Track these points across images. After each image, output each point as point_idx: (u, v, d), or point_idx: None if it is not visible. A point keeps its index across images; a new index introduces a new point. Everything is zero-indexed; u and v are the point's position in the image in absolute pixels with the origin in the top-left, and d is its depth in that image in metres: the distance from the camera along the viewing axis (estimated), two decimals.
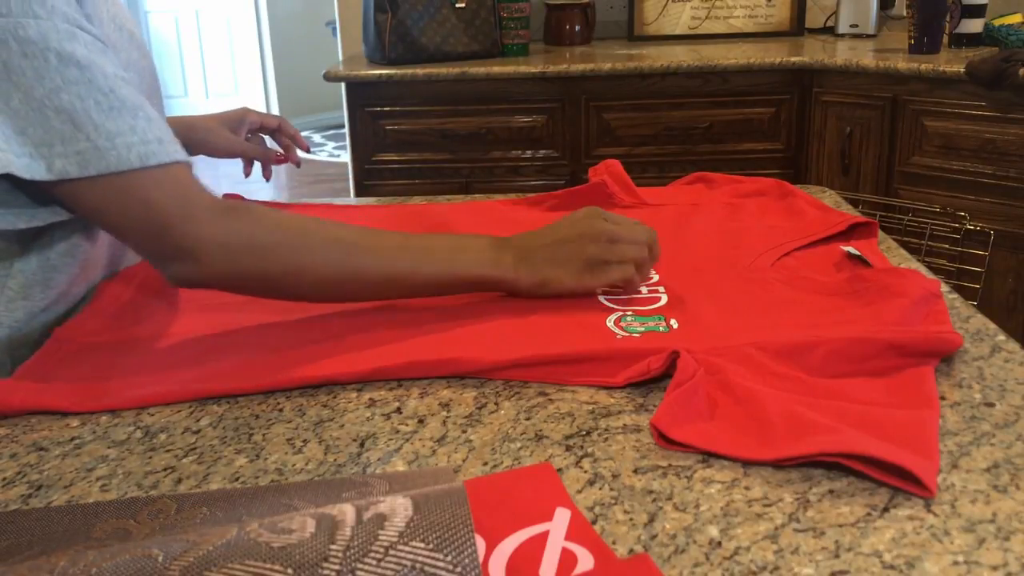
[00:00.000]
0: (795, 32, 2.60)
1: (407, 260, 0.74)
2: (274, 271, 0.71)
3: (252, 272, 0.71)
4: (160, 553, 0.41)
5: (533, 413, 0.61)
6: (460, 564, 0.39)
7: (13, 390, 0.65)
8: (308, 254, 0.71)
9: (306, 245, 0.72)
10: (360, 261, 0.73)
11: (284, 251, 0.71)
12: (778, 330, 0.69)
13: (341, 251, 0.73)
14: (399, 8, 2.29)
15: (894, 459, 0.50)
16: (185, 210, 0.68)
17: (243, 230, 0.70)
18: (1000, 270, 1.97)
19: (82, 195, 0.67)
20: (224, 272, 0.70)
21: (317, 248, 0.72)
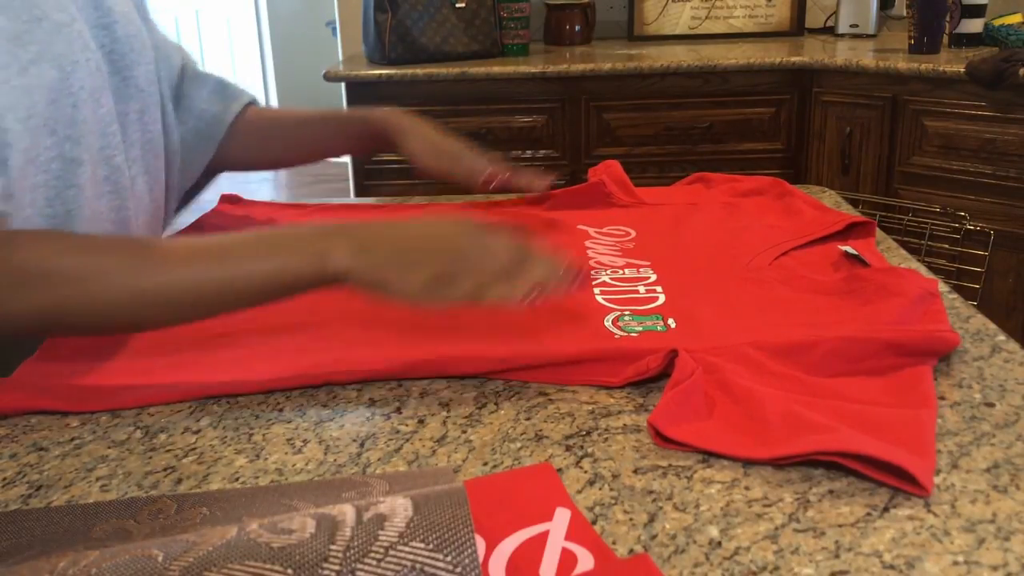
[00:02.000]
0: (795, 32, 2.60)
1: (207, 269, 0.62)
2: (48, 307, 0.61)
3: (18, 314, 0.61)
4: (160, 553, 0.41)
5: (533, 413, 0.61)
6: (460, 564, 0.39)
7: (13, 390, 0.65)
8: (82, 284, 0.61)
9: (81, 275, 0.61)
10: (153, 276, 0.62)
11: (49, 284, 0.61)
12: (776, 329, 0.69)
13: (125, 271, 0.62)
14: (399, 8, 2.29)
15: (890, 458, 0.50)
16: None
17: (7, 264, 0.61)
18: (1000, 270, 1.97)
19: None
20: None
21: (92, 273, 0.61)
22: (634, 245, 0.93)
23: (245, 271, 0.62)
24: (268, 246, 0.63)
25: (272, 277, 0.63)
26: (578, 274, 0.66)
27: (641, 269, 0.85)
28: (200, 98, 0.93)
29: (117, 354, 0.71)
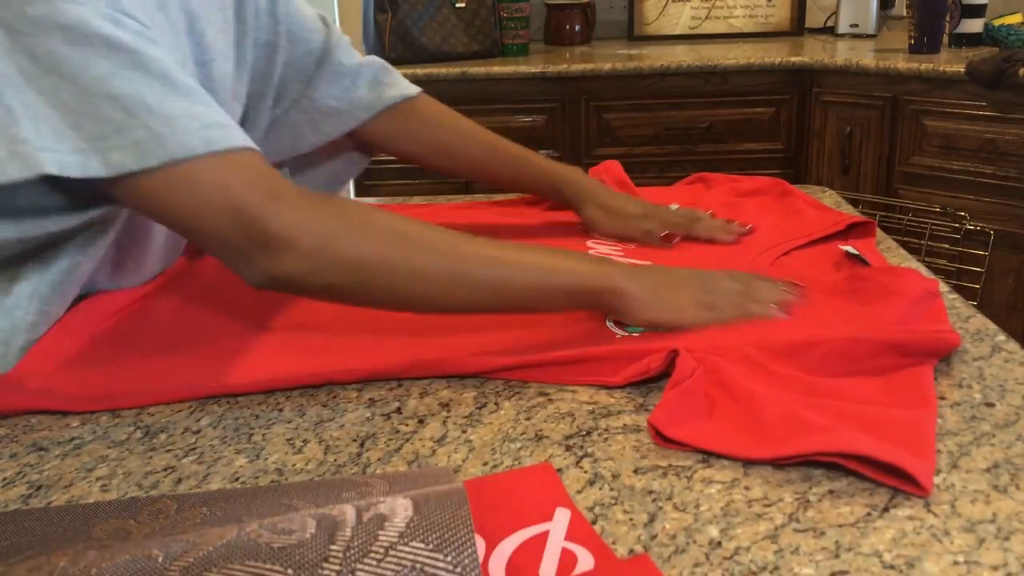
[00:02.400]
0: (795, 32, 2.60)
1: (511, 266, 0.67)
2: (370, 261, 0.64)
3: (347, 262, 0.63)
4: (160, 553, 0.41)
5: (533, 413, 0.61)
6: (460, 564, 0.39)
7: (13, 390, 0.65)
8: (407, 243, 0.65)
9: (404, 237, 0.65)
10: (463, 260, 0.66)
11: (381, 238, 0.64)
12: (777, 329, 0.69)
13: (442, 247, 0.66)
14: (399, 8, 2.29)
15: (890, 459, 0.50)
16: (271, 192, 0.62)
17: (337, 214, 0.64)
18: (1000, 270, 1.97)
19: (145, 190, 0.61)
20: (318, 263, 0.63)
21: (415, 240, 0.66)
22: (635, 246, 0.93)
23: (538, 276, 0.68)
24: (557, 257, 0.70)
25: (561, 284, 0.68)
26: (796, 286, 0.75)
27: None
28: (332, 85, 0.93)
29: (117, 354, 0.71)
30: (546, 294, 0.68)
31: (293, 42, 0.88)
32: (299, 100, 0.91)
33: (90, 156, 0.59)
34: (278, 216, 0.61)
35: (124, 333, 0.75)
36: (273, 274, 0.63)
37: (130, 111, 0.59)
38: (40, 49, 0.58)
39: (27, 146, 0.58)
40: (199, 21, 0.74)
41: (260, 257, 0.62)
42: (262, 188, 0.62)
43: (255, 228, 0.61)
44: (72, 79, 0.59)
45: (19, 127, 0.58)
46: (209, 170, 0.61)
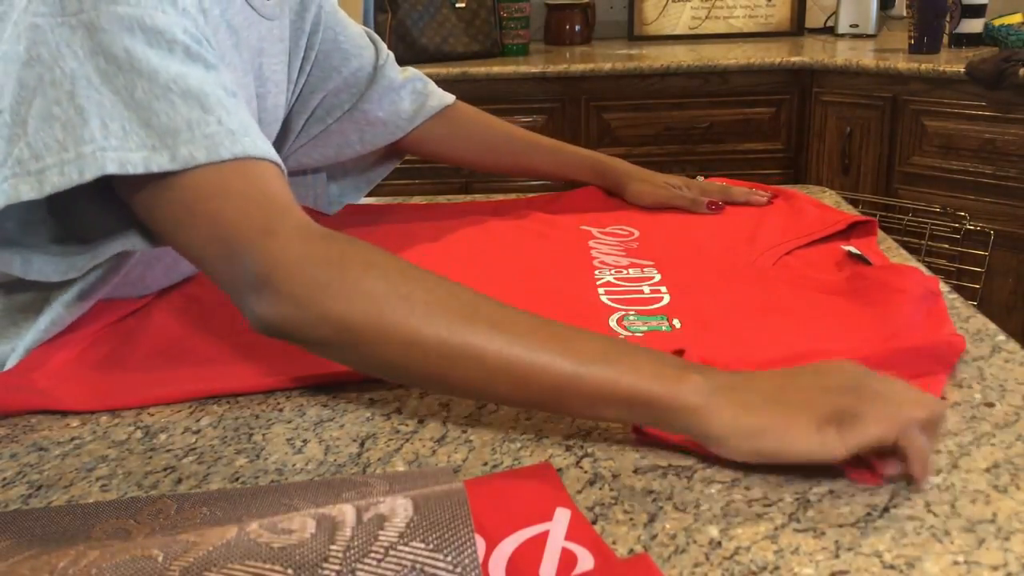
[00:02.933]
0: (795, 32, 2.60)
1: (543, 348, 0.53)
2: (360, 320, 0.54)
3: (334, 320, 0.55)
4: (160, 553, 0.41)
5: (533, 413, 0.61)
6: (460, 564, 0.39)
7: (14, 390, 0.65)
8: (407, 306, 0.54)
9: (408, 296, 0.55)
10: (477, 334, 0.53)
11: (379, 296, 0.54)
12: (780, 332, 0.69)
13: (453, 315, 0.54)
14: (399, 8, 2.29)
15: None
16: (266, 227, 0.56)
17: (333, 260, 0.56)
18: (1000, 270, 1.97)
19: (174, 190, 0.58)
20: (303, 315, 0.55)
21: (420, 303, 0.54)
22: (638, 245, 0.93)
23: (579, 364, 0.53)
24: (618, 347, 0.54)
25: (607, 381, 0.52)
26: None
27: (645, 269, 0.85)
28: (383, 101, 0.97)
29: (118, 355, 0.71)
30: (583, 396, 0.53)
31: (346, 60, 0.93)
32: (350, 112, 0.96)
33: (159, 152, 0.57)
34: (268, 254, 0.56)
35: (125, 333, 0.75)
36: (260, 316, 0.57)
37: (205, 107, 0.58)
38: (118, 47, 0.57)
39: (91, 146, 0.57)
40: (262, 54, 0.76)
41: (248, 296, 0.57)
42: (260, 220, 0.57)
43: (242, 264, 0.57)
44: (148, 76, 0.58)
45: (87, 127, 0.57)
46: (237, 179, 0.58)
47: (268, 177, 0.60)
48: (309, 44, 0.89)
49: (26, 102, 0.57)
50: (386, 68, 0.97)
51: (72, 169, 0.57)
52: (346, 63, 0.93)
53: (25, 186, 0.57)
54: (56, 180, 0.57)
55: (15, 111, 0.57)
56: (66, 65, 0.57)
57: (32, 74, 0.57)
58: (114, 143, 0.57)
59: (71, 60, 0.57)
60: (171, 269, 0.82)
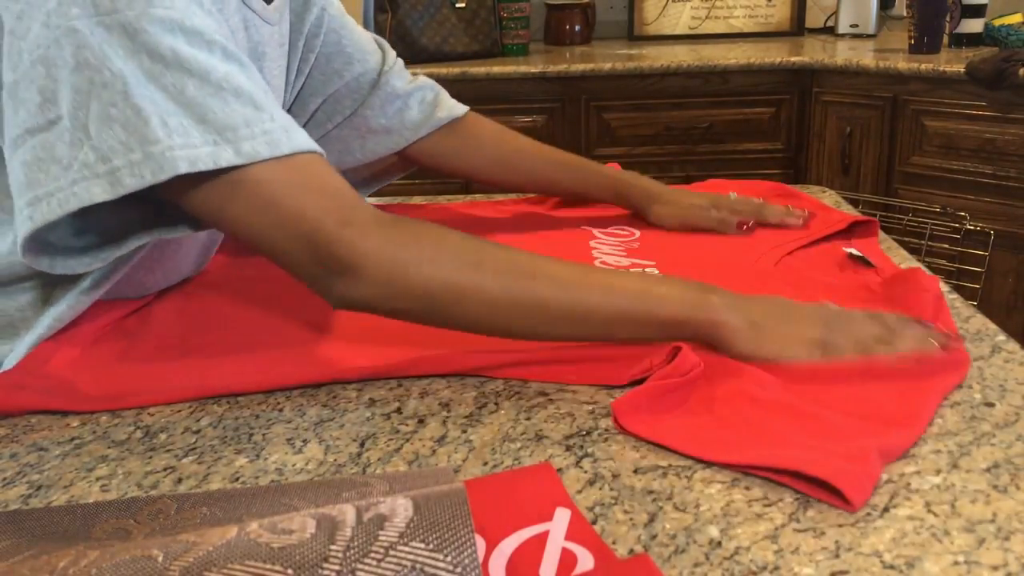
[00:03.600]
0: (795, 32, 2.60)
1: (593, 292, 0.64)
2: (440, 290, 0.62)
3: (418, 291, 0.62)
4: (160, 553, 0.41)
5: (533, 413, 0.61)
6: (460, 564, 0.39)
7: (14, 390, 0.65)
8: (478, 271, 0.63)
9: (477, 262, 0.63)
10: (539, 288, 0.63)
11: (452, 265, 0.63)
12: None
13: (516, 273, 0.64)
14: (399, 8, 2.29)
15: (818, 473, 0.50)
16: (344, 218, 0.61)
17: (409, 241, 0.63)
18: (1000, 270, 1.97)
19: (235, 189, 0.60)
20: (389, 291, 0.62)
21: (489, 267, 0.63)
22: (639, 245, 0.93)
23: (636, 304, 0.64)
24: (653, 285, 0.66)
25: (648, 313, 0.64)
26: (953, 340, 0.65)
27: (646, 269, 0.85)
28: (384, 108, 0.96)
29: (118, 355, 0.71)
30: (633, 323, 0.64)
31: (349, 64, 0.91)
32: (351, 118, 0.94)
33: (221, 148, 0.59)
34: (351, 243, 0.61)
35: (125, 334, 0.75)
36: (346, 298, 0.63)
37: (258, 105, 0.61)
38: (164, 47, 0.58)
39: (159, 146, 0.57)
40: (262, 58, 0.76)
41: (334, 282, 0.62)
42: (336, 213, 0.61)
43: (328, 255, 0.61)
44: (199, 75, 0.59)
45: (148, 127, 0.57)
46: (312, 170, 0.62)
47: (327, 170, 0.64)
48: (308, 47, 0.89)
49: (83, 106, 0.58)
50: (391, 75, 0.95)
51: (144, 170, 0.58)
52: (349, 67, 0.92)
53: (97, 188, 0.58)
54: (129, 181, 0.58)
55: (74, 116, 0.58)
56: (113, 66, 0.57)
57: (83, 78, 0.57)
58: (179, 141, 0.58)
59: (117, 60, 0.57)
60: (171, 272, 0.82)
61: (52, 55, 0.57)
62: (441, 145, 0.99)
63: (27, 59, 0.58)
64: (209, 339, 0.74)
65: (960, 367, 0.64)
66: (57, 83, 0.58)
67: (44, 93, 0.58)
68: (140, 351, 0.72)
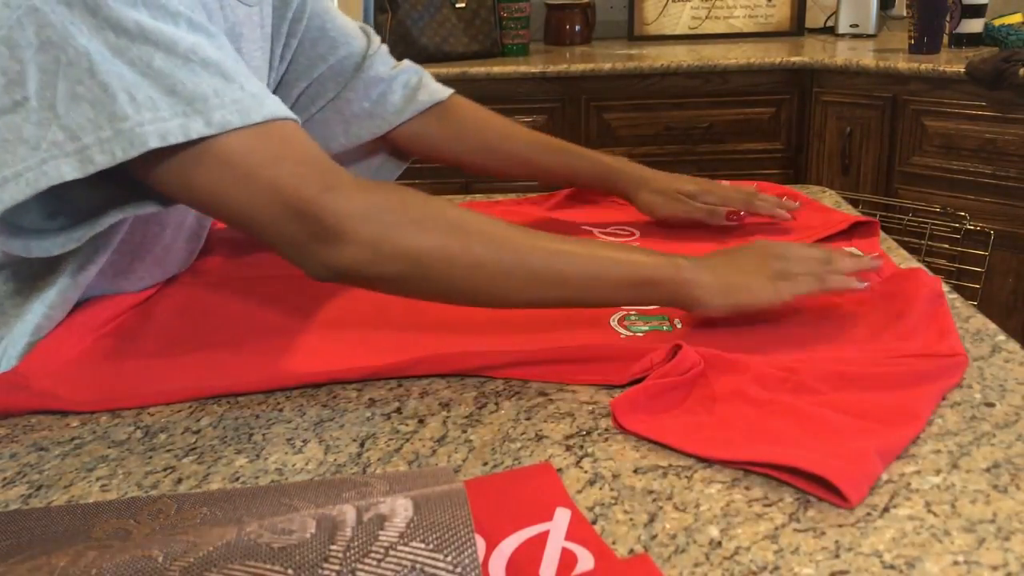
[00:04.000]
0: (795, 32, 2.60)
1: (571, 257, 0.66)
2: (427, 253, 0.63)
3: (405, 254, 0.62)
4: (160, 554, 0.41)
5: (533, 413, 0.61)
6: (460, 564, 0.39)
7: (13, 390, 0.65)
8: (465, 235, 0.64)
9: (462, 228, 0.64)
10: (522, 253, 0.65)
11: (441, 228, 0.63)
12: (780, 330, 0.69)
13: (501, 239, 0.65)
14: (399, 8, 2.29)
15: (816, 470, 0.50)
16: (326, 183, 0.61)
17: (395, 205, 0.63)
18: (1000, 270, 1.97)
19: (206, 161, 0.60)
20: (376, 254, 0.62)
21: (474, 231, 0.64)
22: (638, 245, 0.93)
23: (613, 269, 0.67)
24: (626, 252, 0.69)
25: (632, 276, 0.67)
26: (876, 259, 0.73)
27: None
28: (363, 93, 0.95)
29: (118, 355, 0.71)
30: (609, 286, 0.67)
31: (334, 48, 0.91)
32: (334, 101, 0.93)
33: (190, 119, 0.58)
34: (336, 207, 0.61)
35: (125, 334, 0.75)
36: (331, 265, 0.62)
37: (227, 75, 0.60)
38: (127, 20, 0.58)
39: (128, 123, 0.57)
40: (240, 39, 0.76)
41: (318, 248, 0.62)
42: (317, 179, 0.61)
43: (313, 220, 0.61)
44: (165, 47, 0.59)
45: (116, 103, 0.57)
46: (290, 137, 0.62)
47: (300, 136, 0.64)
48: (291, 31, 0.88)
49: (50, 86, 0.57)
50: (375, 58, 0.94)
51: (115, 147, 0.58)
52: (333, 51, 0.91)
53: (67, 166, 0.58)
54: (100, 159, 0.58)
55: (40, 96, 0.58)
56: (77, 43, 0.57)
57: (48, 58, 0.57)
58: (148, 116, 0.58)
59: (80, 37, 0.57)
60: (162, 259, 0.82)
61: (15, 36, 0.57)
62: (424, 129, 0.97)
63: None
64: (209, 339, 0.74)
65: (958, 369, 0.64)
66: (22, 63, 0.57)
67: (8, 74, 0.58)
68: (140, 351, 0.72)
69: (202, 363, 0.69)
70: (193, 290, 0.83)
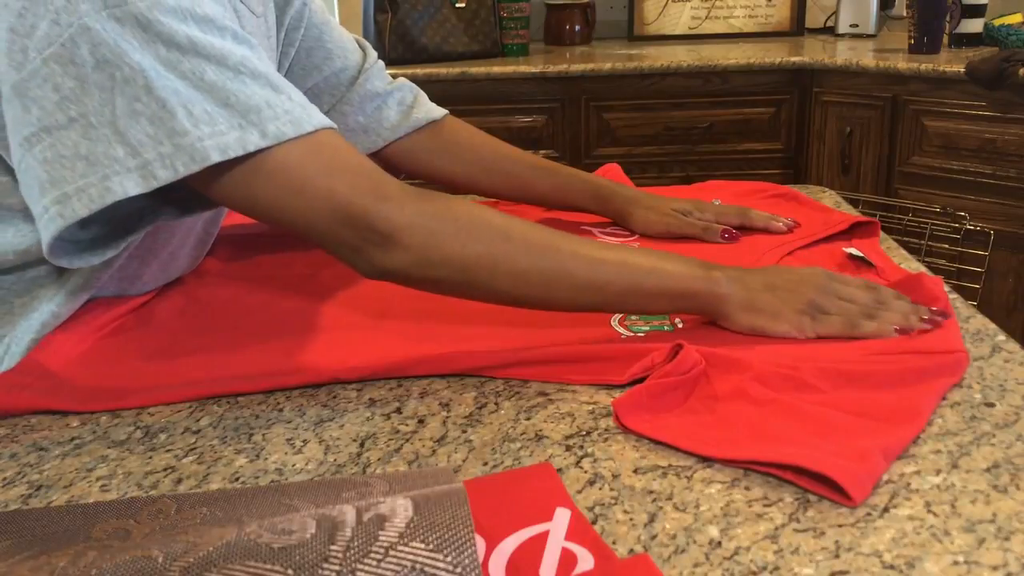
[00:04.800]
0: (795, 32, 2.60)
1: (611, 266, 0.68)
2: (474, 260, 0.65)
3: (452, 261, 0.65)
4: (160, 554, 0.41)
5: (533, 413, 0.61)
6: (460, 564, 0.39)
7: (14, 390, 0.65)
8: (508, 243, 0.66)
9: (507, 234, 0.66)
10: (564, 260, 0.67)
11: (485, 237, 0.65)
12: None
13: (543, 247, 0.67)
14: (399, 8, 2.29)
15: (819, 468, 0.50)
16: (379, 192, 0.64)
17: (443, 214, 0.65)
18: (1000, 270, 1.97)
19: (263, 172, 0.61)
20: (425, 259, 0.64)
21: (518, 239, 0.66)
22: (638, 245, 0.93)
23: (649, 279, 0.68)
24: (663, 261, 0.69)
25: (666, 287, 0.68)
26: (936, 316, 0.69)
27: None
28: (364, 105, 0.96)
29: (119, 355, 0.71)
30: (645, 295, 0.68)
31: (329, 59, 0.92)
32: (329, 114, 0.94)
33: (247, 132, 0.60)
34: (388, 216, 0.63)
35: (126, 334, 0.75)
36: (383, 268, 0.65)
37: (275, 87, 0.62)
38: (179, 35, 0.59)
39: (188, 138, 0.58)
40: None
41: (371, 252, 0.64)
42: (370, 189, 0.64)
43: (367, 228, 0.63)
44: (216, 59, 0.60)
45: (175, 119, 0.58)
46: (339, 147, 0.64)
47: (346, 145, 0.66)
48: (288, 39, 0.89)
49: (108, 103, 0.58)
50: (371, 73, 0.95)
51: (176, 162, 0.58)
52: (328, 62, 0.92)
53: (130, 182, 0.59)
54: (162, 174, 0.59)
55: (99, 113, 0.58)
56: (131, 60, 0.58)
57: (104, 76, 0.58)
58: (207, 130, 0.59)
59: (134, 53, 0.58)
60: (167, 265, 0.82)
61: (68, 53, 0.57)
62: (418, 147, 0.98)
63: (35, 57, 0.58)
64: (209, 339, 0.74)
65: (958, 366, 0.64)
66: (77, 81, 0.58)
67: (61, 91, 0.58)
68: (140, 351, 0.72)
69: (202, 363, 0.69)
70: (194, 291, 0.83)
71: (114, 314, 0.77)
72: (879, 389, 0.60)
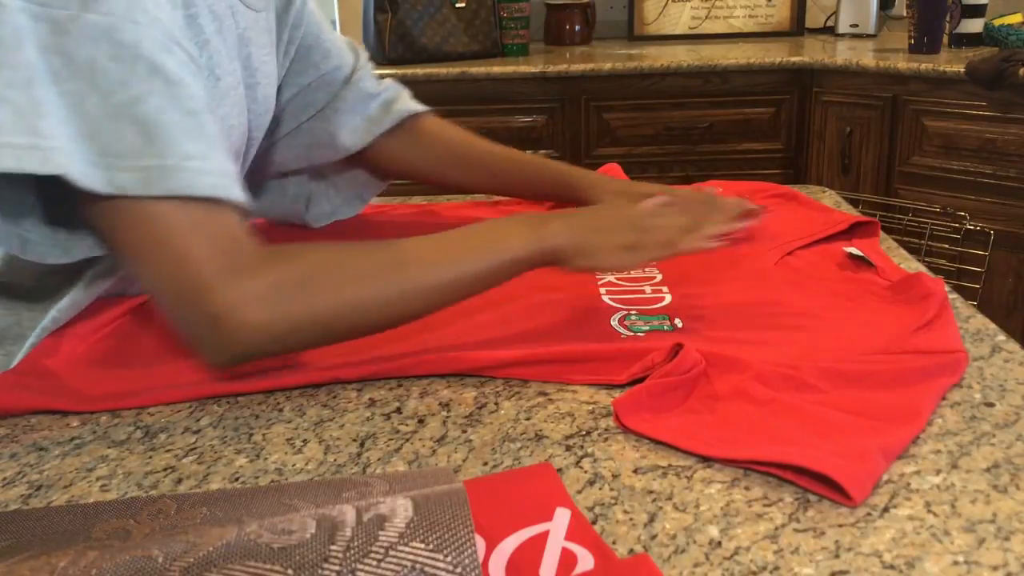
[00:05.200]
0: (795, 32, 2.60)
1: (454, 261, 0.68)
2: (324, 311, 0.63)
3: (304, 320, 0.63)
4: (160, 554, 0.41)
5: (533, 413, 0.61)
6: (460, 564, 0.39)
7: (14, 390, 0.65)
8: (353, 282, 0.64)
9: (344, 271, 0.65)
10: (414, 274, 0.66)
11: (327, 286, 0.63)
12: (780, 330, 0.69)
13: (392, 270, 0.66)
14: (399, 8, 2.29)
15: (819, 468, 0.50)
16: (229, 262, 0.61)
17: (279, 277, 0.62)
18: (1000, 270, 1.97)
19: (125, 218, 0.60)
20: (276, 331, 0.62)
21: (358, 272, 0.65)
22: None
23: (490, 258, 0.69)
24: (498, 236, 0.71)
25: (504, 262, 0.69)
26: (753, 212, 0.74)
27: (647, 269, 0.85)
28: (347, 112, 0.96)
29: (119, 355, 0.71)
30: (494, 274, 0.70)
31: (327, 57, 0.92)
32: (323, 111, 0.95)
33: (97, 170, 0.58)
34: (224, 298, 0.60)
35: (126, 334, 0.75)
36: (230, 351, 0.62)
37: (150, 137, 0.59)
38: (80, 54, 0.57)
39: (52, 142, 0.57)
40: (249, 44, 0.76)
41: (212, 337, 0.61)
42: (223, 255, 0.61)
43: (202, 309, 0.60)
44: (104, 92, 0.58)
45: (45, 121, 0.57)
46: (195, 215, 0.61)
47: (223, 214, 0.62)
48: (291, 38, 0.90)
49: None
50: (363, 73, 0.96)
51: (31, 159, 0.57)
52: (326, 60, 0.93)
53: None
54: (8, 162, 0.56)
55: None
56: (27, 53, 0.57)
57: None
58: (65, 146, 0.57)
59: (31, 50, 0.57)
60: None
61: None
62: (396, 144, 0.98)
63: None
64: None
65: (958, 366, 0.64)
66: None
67: None
68: (140, 351, 0.72)
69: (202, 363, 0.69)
70: None
71: (114, 314, 0.77)
72: (879, 389, 0.60)
